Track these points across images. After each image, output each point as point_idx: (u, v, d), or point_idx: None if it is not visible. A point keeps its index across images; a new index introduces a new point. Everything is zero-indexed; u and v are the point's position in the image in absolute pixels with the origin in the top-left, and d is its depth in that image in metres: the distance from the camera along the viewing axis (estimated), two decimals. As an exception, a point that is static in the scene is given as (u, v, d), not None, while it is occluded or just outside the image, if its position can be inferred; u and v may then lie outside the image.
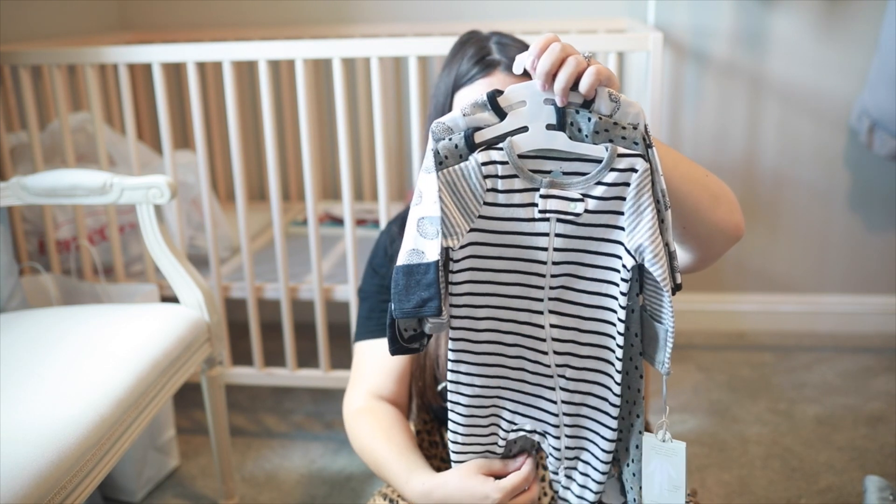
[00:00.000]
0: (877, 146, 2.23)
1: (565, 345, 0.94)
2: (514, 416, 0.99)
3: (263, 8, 2.60)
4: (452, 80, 1.12)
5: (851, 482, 1.83)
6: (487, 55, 1.09)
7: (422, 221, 0.87)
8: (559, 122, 0.87)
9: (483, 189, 0.88)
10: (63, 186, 1.62)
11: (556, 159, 0.88)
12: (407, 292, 0.87)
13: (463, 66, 1.11)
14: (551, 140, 0.88)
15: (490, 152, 0.88)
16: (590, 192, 0.87)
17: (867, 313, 2.57)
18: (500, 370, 0.97)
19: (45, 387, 1.29)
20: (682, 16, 2.40)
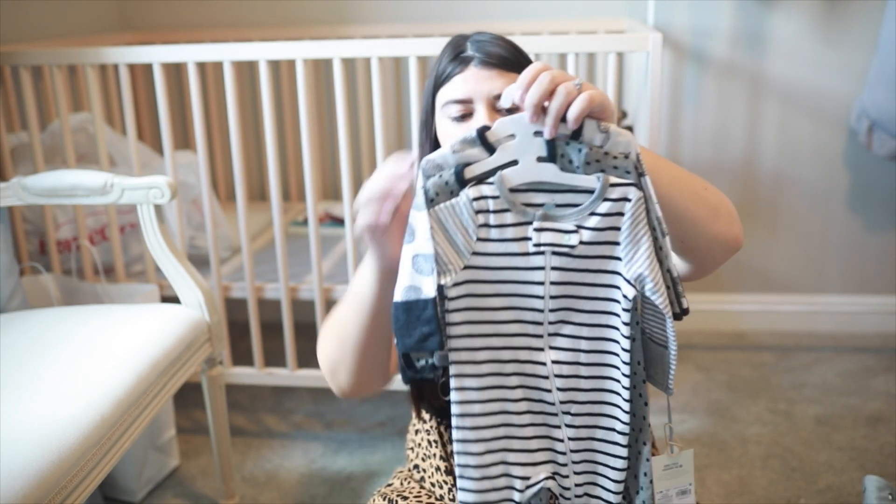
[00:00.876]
0: (876, 146, 2.23)
1: (568, 380, 0.92)
2: (525, 468, 0.95)
3: (263, 8, 2.60)
4: (433, 81, 1.14)
5: (851, 482, 1.83)
6: (462, 52, 1.11)
7: (416, 259, 0.87)
8: (549, 155, 0.86)
9: (475, 225, 0.87)
10: (64, 186, 1.62)
11: (548, 191, 0.88)
12: (408, 328, 0.87)
13: (440, 66, 1.12)
14: (542, 172, 0.87)
15: (481, 187, 0.87)
16: (584, 223, 0.87)
17: (867, 313, 2.57)
18: (507, 417, 0.94)
19: (46, 387, 1.29)
20: (681, 16, 2.40)
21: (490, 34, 1.13)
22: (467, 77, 1.08)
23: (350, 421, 2.15)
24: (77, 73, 2.30)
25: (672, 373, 0.90)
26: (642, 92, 1.82)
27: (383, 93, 1.85)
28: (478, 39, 1.11)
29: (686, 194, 0.95)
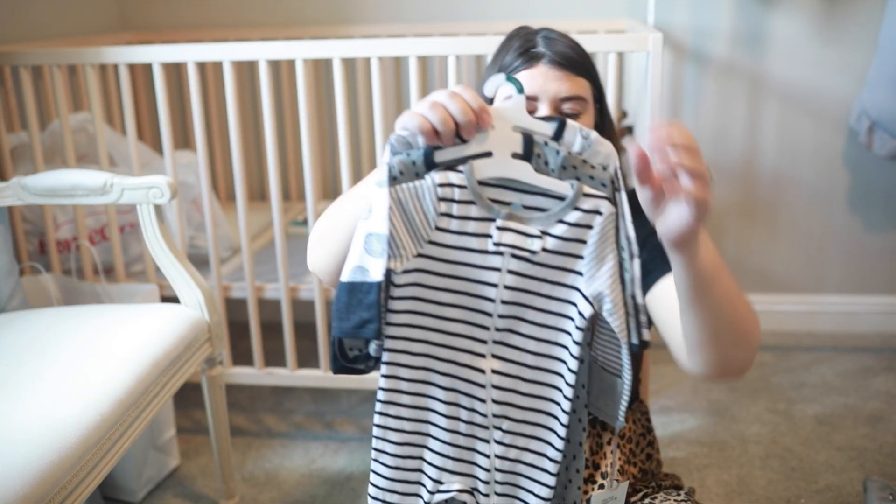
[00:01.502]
0: (876, 146, 2.23)
1: (506, 394, 0.86)
2: (440, 472, 0.90)
3: (263, 8, 2.60)
4: (496, 70, 1.12)
5: (851, 482, 1.83)
6: (532, 48, 1.09)
7: (369, 237, 0.82)
8: (525, 152, 0.81)
9: (436, 212, 0.82)
10: (63, 186, 1.62)
11: (517, 191, 0.83)
12: (348, 311, 0.82)
13: (507, 58, 1.10)
14: (515, 169, 0.82)
15: (448, 174, 0.82)
16: (549, 229, 0.82)
17: (867, 313, 2.57)
18: (432, 416, 0.89)
19: (46, 387, 1.29)
20: (682, 16, 2.40)
21: (558, 32, 1.13)
22: (535, 74, 1.07)
23: (350, 421, 2.15)
24: (77, 73, 2.30)
25: (624, 403, 0.85)
26: (642, 92, 1.82)
27: (383, 93, 1.85)
28: (548, 37, 1.11)
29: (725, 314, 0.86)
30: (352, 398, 2.26)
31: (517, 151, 0.82)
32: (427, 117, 0.80)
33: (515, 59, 1.09)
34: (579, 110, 1.08)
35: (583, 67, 1.09)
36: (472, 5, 2.52)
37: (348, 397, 2.26)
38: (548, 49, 1.08)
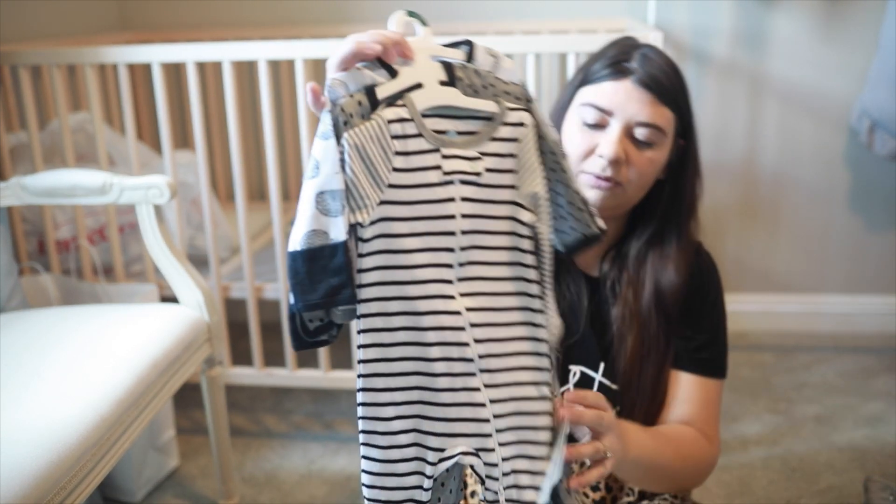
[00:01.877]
0: (877, 146, 2.23)
1: (485, 329, 0.82)
2: (442, 439, 0.82)
3: (263, 8, 2.60)
4: (583, 75, 1.08)
5: (851, 482, 1.83)
6: (625, 61, 1.04)
7: (321, 196, 0.76)
8: (450, 78, 0.81)
9: (392, 152, 0.78)
10: (63, 186, 1.62)
11: (450, 117, 0.82)
12: (311, 281, 0.75)
13: (597, 65, 1.06)
14: (447, 96, 0.81)
15: (396, 109, 0.78)
16: (486, 149, 0.82)
17: (867, 313, 2.57)
18: (423, 379, 0.81)
19: (45, 387, 1.29)
20: (682, 16, 2.40)
21: (662, 56, 1.06)
22: (619, 89, 1.03)
23: (350, 421, 2.15)
24: (76, 72, 2.30)
25: None
26: (642, 92, 1.82)
27: (383, 92, 1.85)
28: (647, 55, 1.05)
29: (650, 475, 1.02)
30: (352, 398, 2.25)
31: (443, 79, 0.81)
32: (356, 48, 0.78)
33: (604, 67, 1.05)
34: (653, 140, 1.04)
35: (671, 97, 1.04)
36: (472, 5, 2.52)
37: (348, 397, 2.26)
38: (640, 67, 1.03)
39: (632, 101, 1.02)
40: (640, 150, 1.04)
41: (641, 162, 1.04)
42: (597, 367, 1.11)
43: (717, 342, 1.14)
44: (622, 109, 1.02)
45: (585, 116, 1.04)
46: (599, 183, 1.04)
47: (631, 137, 1.03)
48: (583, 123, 1.04)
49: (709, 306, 1.14)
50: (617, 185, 1.04)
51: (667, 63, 1.05)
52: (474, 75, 0.82)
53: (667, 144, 1.06)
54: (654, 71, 1.03)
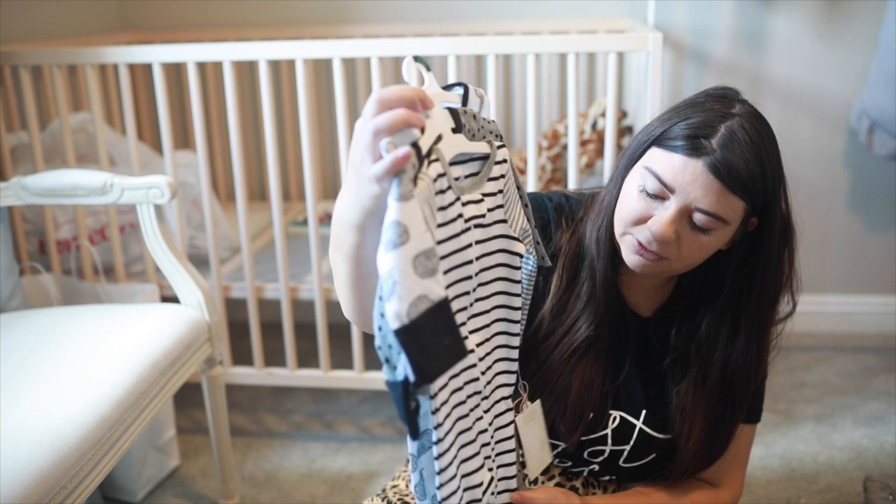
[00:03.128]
0: (877, 146, 2.23)
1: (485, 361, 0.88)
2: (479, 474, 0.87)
3: (263, 8, 2.60)
4: (660, 131, 0.98)
5: (851, 482, 1.83)
6: (706, 136, 0.94)
7: (418, 259, 0.70)
8: (457, 124, 0.81)
9: (436, 208, 0.77)
10: (63, 186, 1.62)
11: (459, 163, 0.83)
12: (426, 349, 0.69)
13: (677, 128, 0.96)
14: (459, 144, 0.81)
15: (435, 165, 0.76)
16: (484, 189, 0.85)
17: (867, 313, 2.57)
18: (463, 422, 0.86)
19: (46, 387, 1.29)
20: (682, 16, 2.40)
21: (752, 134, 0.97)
22: (688, 168, 0.94)
23: (350, 421, 2.15)
24: (77, 73, 2.30)
25: None
26: (642, 92, 1.82)
27: (383, 93, 1.85)
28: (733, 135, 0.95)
29: None
30: (352, 398, 2.26)
31: (453, 126, 0.80)
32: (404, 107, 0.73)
33: (682, 136, 0.95)
34: (711, 227, 0.96)
35: (747, 188, 0.95)
36: (472, 5, 2.52)
37: (348, 397, 2.26)
38: (720, 149, 0.93)
39: (697, 186, 0.94)
40: (695, 233, 0.97)
41: (692, 245, 0.98)
42: (639, 413, 1.09)
43: (760, 389, 1.13)
44: (685, 191, 0.94)
45: (647, 184, 0.97)
46: (643, 252, 0.99)
47: (688, 218, 0.96)
48: (641, 190, 0.98)
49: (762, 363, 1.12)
50: (663, 260, 0.99)
51: (754, 146, 0.96)
52: (472, 119, 0.83)
53: (729, 229, 0.99)
54: (734, 158, 0.93)
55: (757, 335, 1.06)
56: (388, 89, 0.73)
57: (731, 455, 1.11)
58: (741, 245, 1.03)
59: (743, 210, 0.98)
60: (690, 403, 1.06)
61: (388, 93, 0.73)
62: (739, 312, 1.05)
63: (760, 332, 1.06)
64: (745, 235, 1.02)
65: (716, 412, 1.07)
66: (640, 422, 1.09)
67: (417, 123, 0.72)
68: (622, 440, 1.09)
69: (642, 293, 1.12)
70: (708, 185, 0.93)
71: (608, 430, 1.09)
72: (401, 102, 0.73)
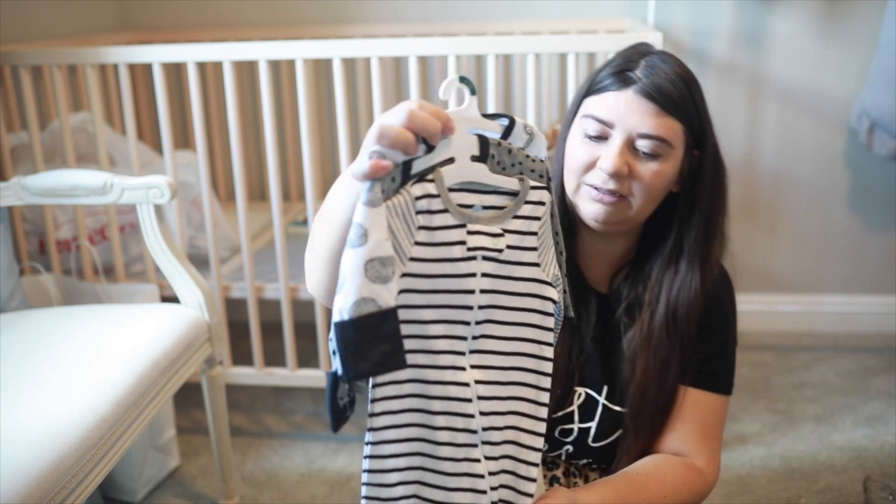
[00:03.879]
0: (877, 146, 2.23)
1: (490, 402, 0.85)
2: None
3: (263, 8, 2.60)
4: (588, 84, 1.04)
5: (851, 482, 1.83)
6: (629, 70, 1.00)
7: (371, 263, 0.74)
8: (482, 154, 0.81)
9: (415, 226, 0.78)
10: (63, 186, 1.62)
11: (477, 192, 0.82)
12: (361, 349, 0.74)
13: (602, 73, 1.02)
14: (475, 172, 0.82)
15: (424, 185, 0.78)
16: (508, 226, 0.83)
17: (867, 313, 2.57)
18: (426, 446, 0.83)
19: (46, 387, 1.29)
20: (682, 16, 2.40)
21: (671, 63, 1.01)
22: (620, 99, 0.99)
23: (350, 421, 2.14)
24: (77, 73, 2.30)
25: None
26: (642, 92, 1.82)
27: (383, 93, 1.85)
28: (654, 63, 1.00)
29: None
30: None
31: (475, 154, 0.81)
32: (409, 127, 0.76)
33: (608, 76, 1.01)
34: (658, 152, 0.99)
35: (679, 107, 0.98)
36: (472, 5, 2.52)
37: (348, 397, 2.26)
38: (644, 76, 0.98)
39: (633, 113, 0.98)
40: (644, 162, 1.00)
41: (646, 174, 1.00)
42: (601, 389, 1.10)
43: (725, 356, 1.12)
44: (623, 121, 0.98)
45: (587, 128, 1.01)
46: (602, 196, 1.01)
47: (634, 150, 0.99)
48: (585, 135, 1.02)
49: (720, 322, 1.12)
50: (621, 199, 1.01)
51: (676, 71, 1.00)
52: (506, 153, 0.82)
53: (676, 156, 1.01)
54: (659, 80, 0.98)
55: (699, 270, 1.07)
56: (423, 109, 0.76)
57: (700, 426, 1.08)
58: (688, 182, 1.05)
59: (682, 132, 1.01)
60: (638, 346, 1.07)
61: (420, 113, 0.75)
62: (681, 251, 1.07)
63: (701, 267, 1.07)
64: (691, 170, 1.05)
65: (663, 351, 1.07)
66: (602, 397, 1.10)
67: (410, 153, 0.76)
68: (588, 417, 1.11)
69: (602, 267, 1.12)
70: (643, 110, 0.98)
71: (574, 407, 1.10)
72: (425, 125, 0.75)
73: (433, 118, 0.75)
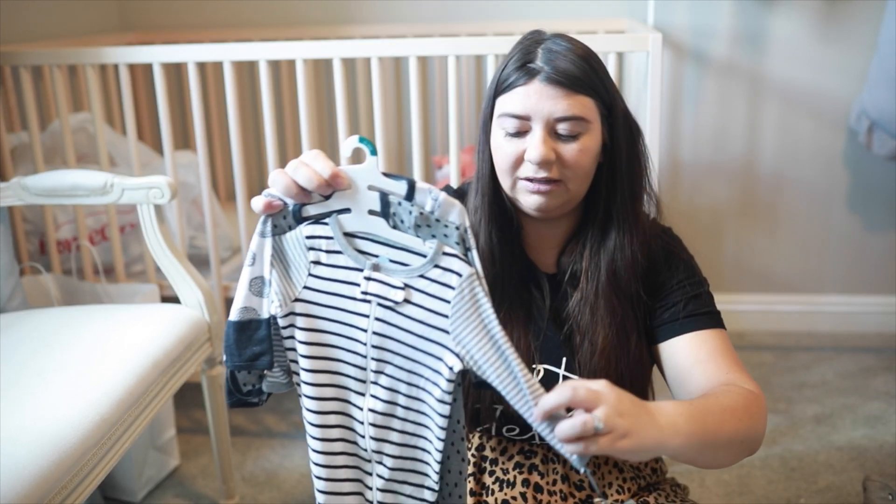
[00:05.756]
0: (876, 146, 2.23)
1: (381, 430, 0.92)
2: None
3: (263, 8, 2.60)
4: (494, 85, 1.06)
5: (851, 482, 1.83)
6: (530, 61, 1.02)
7: (255, 281, 0.90)
8: (383, 210, 0.86)
9: (307, 261, 0.89)
10: (64, 187, 1.63)
11: (386, 245, 0.87)
12: (238, 346, 0.91)
13: (506, 70, 1.04)
14: (373, 225, 0.87)
15: (316, 227, 0.89)
16: (412, 283, 0.86)
17: (867, 313, 2.57)
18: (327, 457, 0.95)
19: (46, 387, 1.29)
20: (681, 16, 2.40)
21: (566, 43, 1.04)
22: (530, 91, 1.01)
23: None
24: (77, 73, 2.30)
25: None
26: (642, 92, 1.82)
27: (383, 93, 1.85)
28: (551, 49, 1.03)
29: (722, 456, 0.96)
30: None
31: (374, 209, 0.87)
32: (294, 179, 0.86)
33: (512, 72, 1.03)
34: (578, 131, 1.02)
35: (586, 83, 1.01)
36: (472, 5, 2.52)
37: (348, 397, 2.26)
38: (546, 64, 1.01)
39: (544, 100, 1.00)
40: (568, 143, 1.03)
41: (572, 155, 1.03)
42: (560, 362, 1.11)
43: (703, 295, 1.11)
44: (538, 111, 1.01)
45: (506, 126, 1.03)
46: (538, 187, 1.03)
47: (555, 134, 1.02)
48: (506, 134, 1.04)
49: (683, 269, 1.12)
50: (556, 184, 1.04)
51: (573, 49, 1.03)
52: (407, 214, 0.85)
53: (595, 129, 1.04)
54: (562, 63, 1.01)
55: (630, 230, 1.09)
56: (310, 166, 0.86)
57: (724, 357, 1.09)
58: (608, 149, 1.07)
59: (594, 106, 1.03)
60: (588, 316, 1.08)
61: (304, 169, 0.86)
62: (611, 216, 1.09)
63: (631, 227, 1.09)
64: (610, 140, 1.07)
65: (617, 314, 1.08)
66: (561, 369, 1.10)
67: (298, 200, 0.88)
68: None
69: (551, 249, 1.14)
70: (553, 95, 1.00)
71: None
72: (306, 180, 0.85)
73: (316, 175, 0.85)
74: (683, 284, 1.11)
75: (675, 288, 1.10)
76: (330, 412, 0.93)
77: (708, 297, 1.12)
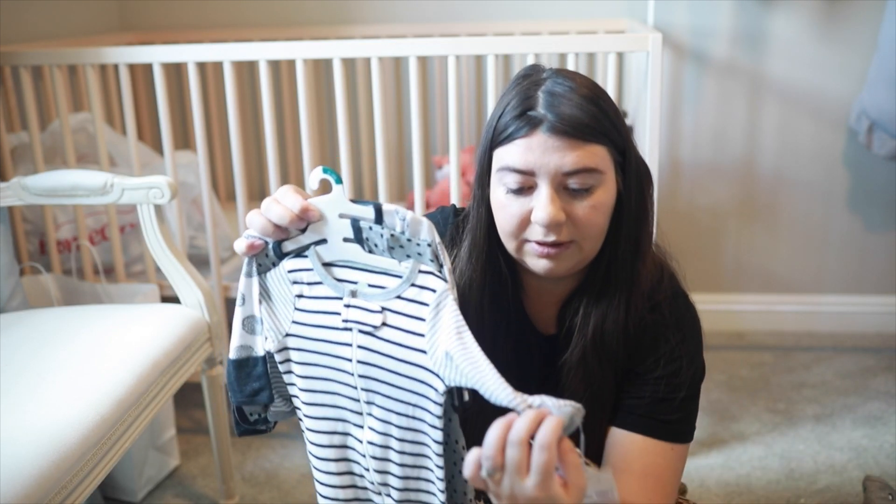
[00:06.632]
0: (876, 146, 2.23)
1: (382, 462, 0.91)
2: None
3: (263, 8, 2.60)
4: (492, 133, 0.94)
5: (851, 482, 1.83)
6: (531, 109, 0.90)
7: (248, 320, 0.92)
8: (356, 236, 0.86)
9: (293, 295, 0.91)
10: (64, 187, 1.63)
11: (363, 270, 0.87)
12: (239, 383, 0.94)
13: (503, 119, 0.92)
14: (349, 252, 0.88)
15: (296, 261, 0.90)
16: (388, 305, 0.85)
17: (867, 313, 2.57)
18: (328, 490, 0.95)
19: (46, 387, 1.29)
20: (681, 16, 2.40)
21: (569, 81, 0.91)
22: (532, 144, 0.89)
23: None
24: (77, 73, 2.30)
25: None
26: (642, 92, 1.82)
27: (383, 93, 1.85)
28: (553, 92, 0.90)
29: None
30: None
31: (348, 236, 0.87)
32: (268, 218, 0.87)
33: (511, 122, 0.90)
34: (591, 184, 0.90)
35: (596, 130, 0.89)
36: (472, 5, 2.52)
37: (348, 397, 2.26)
38: (549, 111, 0.89)
39: (550, 154, 0.88)
40: (580, 200, 0.91)
41: (585, 213, 0.91)
42: None
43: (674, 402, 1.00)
44: (543, 166, 0.89)
45: (508, 182, 0.91)
46: (547, 251, 0.92)
47: (565, 189, 0.90)
48: (508, 191, 0.92)
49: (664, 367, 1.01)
50: (568, 245, 0.93)
51: (578, 90, 0.90)
52: (378, 237, 0.85)
53: (609, 180, 0.92)
54: (565, 109, 0.89)
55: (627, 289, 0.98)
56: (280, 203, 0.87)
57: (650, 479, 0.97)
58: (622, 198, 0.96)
59: (607, 153, 0.91)
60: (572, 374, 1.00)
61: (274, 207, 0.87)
62: (609, 273, 0.98)
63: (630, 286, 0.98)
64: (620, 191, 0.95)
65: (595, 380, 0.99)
66: None
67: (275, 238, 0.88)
68: None
69: (550, 307, 1.05)
70: (560, 147, 0.88)
71: None
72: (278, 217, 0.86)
73: (287, 210, 0.85)
74: (659, 382, 1.00)
75: (649, 381, 1.00)
76: (331, 445, 0.93)
77: (681, 403, 1.00)
